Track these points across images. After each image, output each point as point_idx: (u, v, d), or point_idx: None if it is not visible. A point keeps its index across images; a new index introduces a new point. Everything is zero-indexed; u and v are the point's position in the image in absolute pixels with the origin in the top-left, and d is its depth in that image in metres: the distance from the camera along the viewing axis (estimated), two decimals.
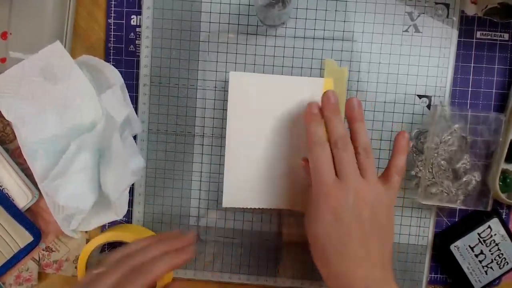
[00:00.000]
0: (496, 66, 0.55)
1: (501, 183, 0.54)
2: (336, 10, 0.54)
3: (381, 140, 0.55)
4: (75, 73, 0.49)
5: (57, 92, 0.49)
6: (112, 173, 0.50)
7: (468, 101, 0.55)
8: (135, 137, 0.56)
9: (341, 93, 0.54)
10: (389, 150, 0.55)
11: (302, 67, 0.55)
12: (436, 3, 0.54)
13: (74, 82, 0.49)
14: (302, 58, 0.55)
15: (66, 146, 0.49)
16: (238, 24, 0.55)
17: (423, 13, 0.54)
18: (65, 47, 0.54)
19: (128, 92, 0.56)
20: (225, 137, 0.54)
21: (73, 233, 0.53)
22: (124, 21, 0.56)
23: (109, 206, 0.53)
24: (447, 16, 0.54)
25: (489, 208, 0.53)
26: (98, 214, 0.53)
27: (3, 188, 0.56)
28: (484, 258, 0.54)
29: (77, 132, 0.50)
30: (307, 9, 0.54)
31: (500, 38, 0.55)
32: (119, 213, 0.53)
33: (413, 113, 0.55)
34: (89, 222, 0.53)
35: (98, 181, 0.52)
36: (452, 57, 0.54)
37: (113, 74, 0.52)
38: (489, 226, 0.54)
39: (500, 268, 0.55)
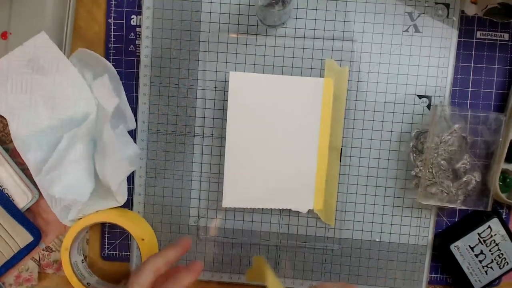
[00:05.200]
0: (496, 66, 0.55)
1: (501, 183, 0.54)
2: (336, 10, 0.54)
3: (381, 140, 0.55)
4: (63, 64, 0.49)
5: (47, 83, 0.49)
6: (108, 164, 0.50)
7: (468, 101, 0.55)
8: (135, 138, 0.56)
9: (341, 93, 0.54)
10: (389, 150, 0.55)
11: (302, 67, 0.55)
12: (436, 3, 0.54)
13: (63, 73, 0.49)
14: (302, 58, 0.55)
15: (60, 137, 0.49)
16: (238, 24, 0.55)
17: (423, 13, 0.54)
18: (65, 46, 0.54)
19: (128, 92, 0.56)
20: (225, 137, 0.54)
21: (71, 223, 0.53)
22: (124, 21, 0.56)
23: (107, 195, 0.53)
24: (447, 16, 0.54)
25: (489, 208, 0.53)
26: (97, 203, 0.53)
27: (3, 188, 0.56)
28: (484, 258, 0.54)
29: (70, 123, 0.50)
30: (307, 9, 0.54)
31: (500, 38, 0.55)
32: (120, 199, 0.53)
33: (413, 113, 0.55)
34: (88, 212, 0.53)
35: (94, 170, 0.52)
36: (452, 57, 0.54)
37: (102, 65, 0.52)
38: (489, 226, 0.54)
39: (500, 268, 0.55)
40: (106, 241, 0.58)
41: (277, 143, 0.54)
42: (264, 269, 0.49)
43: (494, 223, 0.54)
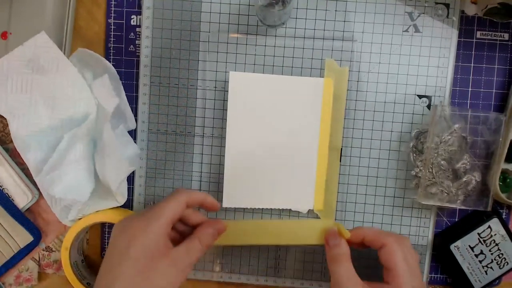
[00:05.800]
0: (496, 66, 0.55)
1: (501, 183, 0.54)
2: (336, 10, 0.54)
3: (381, 140, 0.55)
4: (63, 64, 0.49)
5: (47, 83, 0.49)
6: (108, 164, 0.50)
7: (468, 101, 0.55)
8: (135, 138, 0.56)
9: (341, 93, 0.54)
10: (389, 150, 0.55)
11: (302, 67, 0.55)
12: (436, 3, 0.54)
13: (63, 73, 0.49)
14: (302, 58, 0.55)
15: (60, 137, 0.49)
16: (238, 24, 0.55)
17: (423, 13, 0.54)
18: (65, 46, 0.54)
19: (128, 92, 0.56)
20: (225, 137, 0.54)
21: (71, 223, 0.53)
22: (124, 21, 0.56)
23: (107, 195, 0.53)
24: (447, 16, 0.54)
25: (489, 208, 0.53)
26: (97, 203, 0.53)
27: (3, 188, 0.56)
28: (484, 258, 0.54)
29: (70, 123, 0.50)
30: (307, 9, 0.54)
31: (500, 38, 0.55)
32: (120, 199, 0.53)
33: (413, 113, 0.55)
34: (88, 212, 0.53)
35: (94, 170, 0.52)
36: (452, 57, 0.54)
37: (102, 65, 0.52)
38: (489, 226, 0.54)
39: (500, 268, 0.55)
40: (106, 241, 0.58)
41: (277, 143, 0.54)
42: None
43: (494, 223, 0.54)
